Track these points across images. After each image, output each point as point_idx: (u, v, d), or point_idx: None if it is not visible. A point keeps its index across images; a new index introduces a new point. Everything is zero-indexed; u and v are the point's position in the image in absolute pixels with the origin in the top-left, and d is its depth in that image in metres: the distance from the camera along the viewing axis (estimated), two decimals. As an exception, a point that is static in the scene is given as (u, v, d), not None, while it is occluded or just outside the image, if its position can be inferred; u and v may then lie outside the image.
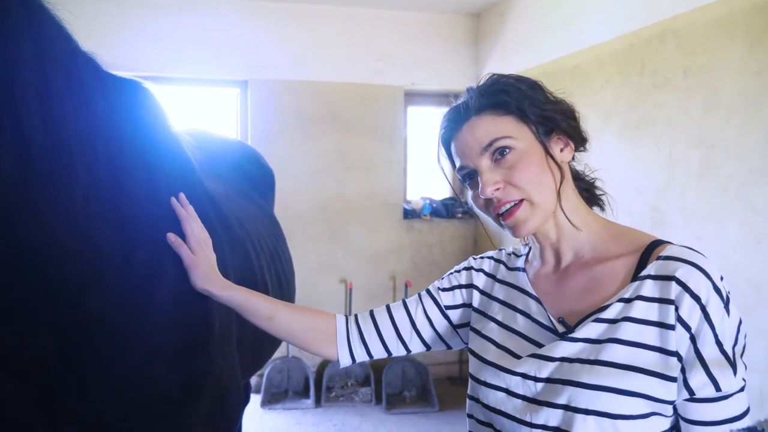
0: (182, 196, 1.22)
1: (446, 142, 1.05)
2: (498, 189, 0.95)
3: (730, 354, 0.83)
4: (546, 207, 0.96)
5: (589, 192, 1.07)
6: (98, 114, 1.00)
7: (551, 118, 0.97)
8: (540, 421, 0.89)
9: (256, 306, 1.17)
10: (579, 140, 1.01)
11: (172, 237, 1.15)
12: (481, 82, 1.03)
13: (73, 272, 0.95)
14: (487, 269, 1.13)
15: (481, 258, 1.16)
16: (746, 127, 2.29)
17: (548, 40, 3.62)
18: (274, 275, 1.88)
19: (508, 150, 0.95)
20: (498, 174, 0.95)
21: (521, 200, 0.94)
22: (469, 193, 1.02)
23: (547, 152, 0.96)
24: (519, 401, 0.93)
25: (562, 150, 0.99)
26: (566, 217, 0.98)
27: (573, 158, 1.02)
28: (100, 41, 1.51)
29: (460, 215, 4.69)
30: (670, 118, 2.66)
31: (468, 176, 1.01)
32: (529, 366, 0.93)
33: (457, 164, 1.02)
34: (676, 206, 2.64)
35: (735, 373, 0.82)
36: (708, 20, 2.44)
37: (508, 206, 0.95)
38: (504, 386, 0.95)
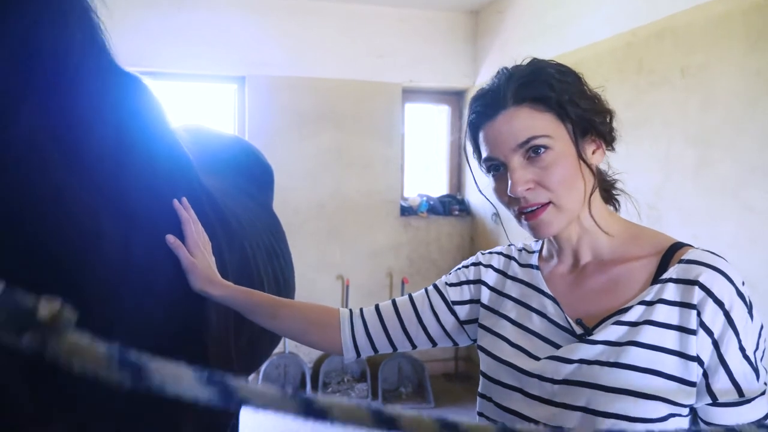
0: (184, 199, 1.21)
1: (475, 128, 0.98)
2: (529, 189, 0.90)
3: (753, 359, 0.82)
4: (572, 211, 0.92)
5: (606, 192, 1.04)
6: (99, 106, 0.99)
7: (590, 120, 0.93)
8: (556, 422, 0.87)
9: (258, 305, 1.15)
10: (610, 141, 0.97)
11: (170, 238, 1.13)
12: (521, 65, 0.97)
13: (76, 251, 0.92)
14: (496, 265, 1.09)
15: (490, 253, 1.12)
16: (743, 126, 2.29)
17: (547, 38, 3.62)
18: (271, 272, 1.88)
19: (544, 149, 0.89)
20: (530, 173, 0.90)
21: (548, 202, 0.90)
22: (492, 185, 0.97)
23: (581, 156, 0.92)
24: (535, 402, 0.91)
25: (594, 152, 0.95)
26: (594, 221, 0.95)
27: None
28: (98, 36, 1.49)
29: (457, 212, 4.67)
30: (667, 117, 2.67)
31: (494, 168, 0.95)
32: (546, 367, 0.91)
33: (484, 154, 0.96)
34: (673, 205, 2.64)
35: (758, 378, 0.82)
36: (706, 19, 2.44)
37: (534, 207, 0.91)
38: (519, 386, 0.93)
